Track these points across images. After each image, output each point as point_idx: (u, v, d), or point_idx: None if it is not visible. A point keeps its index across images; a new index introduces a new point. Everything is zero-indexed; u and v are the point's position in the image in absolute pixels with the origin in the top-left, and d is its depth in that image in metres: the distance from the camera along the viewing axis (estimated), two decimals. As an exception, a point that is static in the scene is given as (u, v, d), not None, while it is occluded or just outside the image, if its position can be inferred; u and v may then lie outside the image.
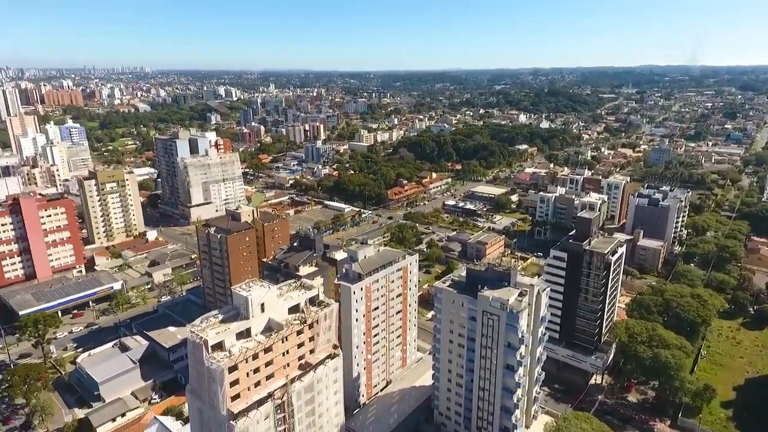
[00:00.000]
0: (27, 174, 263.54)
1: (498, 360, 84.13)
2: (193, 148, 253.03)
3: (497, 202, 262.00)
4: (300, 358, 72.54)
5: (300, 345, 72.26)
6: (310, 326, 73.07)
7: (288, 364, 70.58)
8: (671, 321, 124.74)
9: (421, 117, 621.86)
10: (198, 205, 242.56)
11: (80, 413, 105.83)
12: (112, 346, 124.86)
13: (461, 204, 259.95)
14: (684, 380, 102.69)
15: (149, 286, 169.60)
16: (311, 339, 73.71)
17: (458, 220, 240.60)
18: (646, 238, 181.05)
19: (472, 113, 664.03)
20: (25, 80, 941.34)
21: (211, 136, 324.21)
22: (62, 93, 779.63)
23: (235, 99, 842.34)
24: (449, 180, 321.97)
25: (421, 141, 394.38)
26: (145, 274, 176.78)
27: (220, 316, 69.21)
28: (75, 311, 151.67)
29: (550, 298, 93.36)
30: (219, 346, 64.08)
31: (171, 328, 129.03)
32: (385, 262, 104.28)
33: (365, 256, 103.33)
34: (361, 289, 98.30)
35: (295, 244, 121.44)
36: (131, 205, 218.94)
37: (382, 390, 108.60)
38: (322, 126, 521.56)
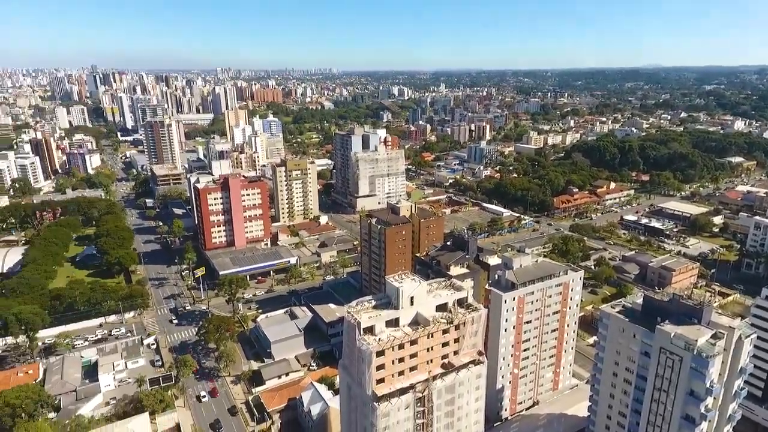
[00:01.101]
0: (235, 158, 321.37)
1: (675, 408, 71.32)
2: (365, 144, 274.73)
3: (693, 223, 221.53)
4: (443, 357, 72.90)
5: (444, 344, 72.57)
6: (457, 327, 72.73)
7: (431, 361, 71.61)
8: None
9: (604, 119, 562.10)
10: (364, 196, 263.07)
11: (255, 365, 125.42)
12: (284, 313, 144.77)
13: (644, 220, 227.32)
14: None
15: (317, 265, 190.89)
16: (456, 340, 73.37)
17: (638, 238, 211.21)
18: None
19: (669, 117, 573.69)
20: (241, 80, 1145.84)
21: (382, 133, 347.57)
22: (267, 91, 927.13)
23: (406, 98, 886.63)
24: (631, 192, 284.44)
25: (601, 146, 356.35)
26: (315, 254, 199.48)
27: (374, 302, 73.78)
28: (259, 277, 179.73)
29: (755, 347, 75.34)
30: (370, 330, 68.46)
31: (331, 305, 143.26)
32: (543, 274, 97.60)
33: (521, 265, 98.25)
34: (514, 299, 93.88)
35: (448, 243, 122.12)
36: (310, 191, 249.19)
37: (527, 409, 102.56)
38: (488, 126, 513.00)
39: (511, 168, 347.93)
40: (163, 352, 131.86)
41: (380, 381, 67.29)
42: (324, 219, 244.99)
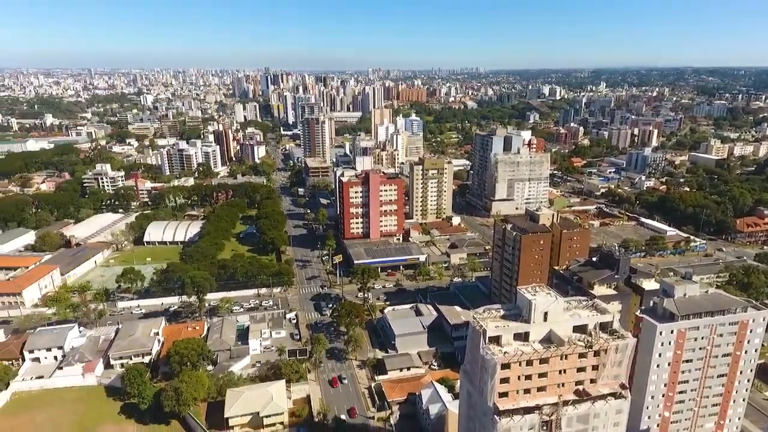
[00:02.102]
0: (377, 155, 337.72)
1: None
2: (507, 145, 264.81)
3: None
4: (577, 383, 66.57)
5: (580, 369, 66.19)
6: (596, 354, 65.70)
7: (563, 385, 65.97)
8: None
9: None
10: (500, 200, 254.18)
11: (379, 354, 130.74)
12: (410, 308, 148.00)
13: None
14: None
15: (446, 265, 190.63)
16: (594, 368, 66.33)
17: None
18: None
19: None
20: (389, 80, 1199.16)
21: (526, 134, 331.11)
22: (412, 90, 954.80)
23: (558, 98, 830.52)
24: None
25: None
26: (445, 254, 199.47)
27: (502, 311, 70.68)
28: (389, 271, 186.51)
29: None
30: (496, 340, 65.77)
31: (457, 308, 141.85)
32: (714, 308, 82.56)
33: (685, 294, 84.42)
34: (672, 332, 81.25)
35: (593, 259, 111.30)
36: (445, 191, 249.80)
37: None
38: (655, 131, 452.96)
39: (681, 180, 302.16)
40: (302, 328, 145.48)
41: (503, 395, 64.28)
42: (456, 220, 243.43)
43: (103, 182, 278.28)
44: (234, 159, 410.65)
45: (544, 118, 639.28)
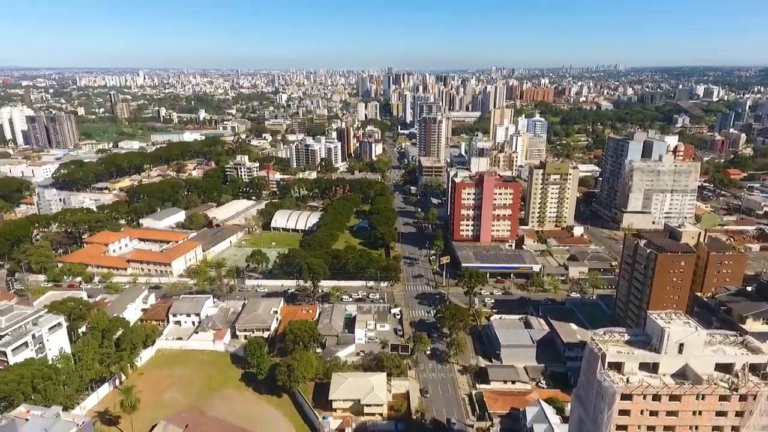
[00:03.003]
0: (494, 157, 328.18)
1: None
2: (646, 152, 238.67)
3: None
4: (715, 429, 57.90)
5: (719, 414, 57.50)
6: (742, 398, 56.41)
7: (696, 428, 57.88)
8: None
9: None
10: (633, 212, 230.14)
11: (482, 362, 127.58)
12: (519, 319, 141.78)
13: None
14: None
15: (563, 278, 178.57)
16: (738, 414, 57.03)
17: None
18: None
19: None
20: (513, 78, 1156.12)
21: (672, 140, 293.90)
22: (538, 90, 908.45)
23: (715, 99, 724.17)
24: None
25: None
26: (562, 266, 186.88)
27: (627, 336, 64.25)
28: (498, 277, 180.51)
29: None
30: (616, 366, 60.07)
31: (573, 326, 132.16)
32: None
33: None
34: None
35: (748, 288, 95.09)
36: (567, 198, 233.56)
37: None
38: None
39: None
40: (405, 324, 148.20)
41: (621, 428, 58.51)
42: (578, 230, 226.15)
43: (241, 172, 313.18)
44: (353, 155, 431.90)
45: (696, 123, 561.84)
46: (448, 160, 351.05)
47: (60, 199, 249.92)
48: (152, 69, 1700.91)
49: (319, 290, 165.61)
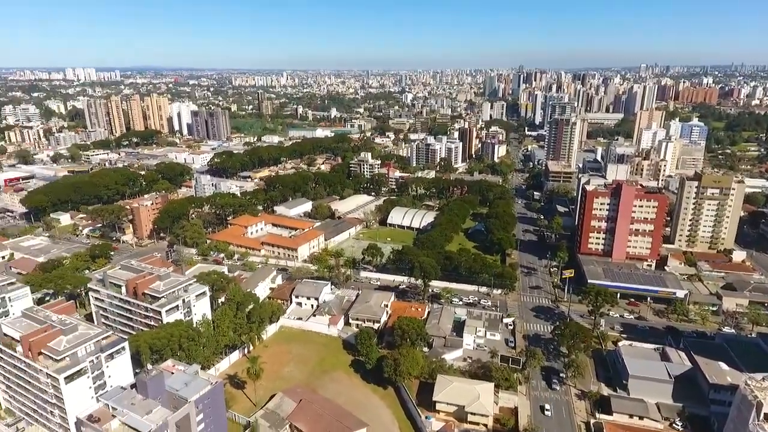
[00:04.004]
0: (636, 164, 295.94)
1: None
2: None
3: None
4: None
5: None
6: None
7: None
8: None
9: None
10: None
11: (605, 390, 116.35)
12: (654, 350, 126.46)
13: None
14: None
15: (714, 309, 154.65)
16: None
17: None
18: None
19: None
20: (666, 77, 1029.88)
21: None
22: (698, 90, 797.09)
23: None
24: None
25: None
26: (714, 295, 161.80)
27: (801, 386, 53.17)
28: (631, 300, 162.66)
29: None
30: (783, 420, 50.10)
31: (722, 365, 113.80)
32: None
33: None
34: None
35: None
36: (727, 216, 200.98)
37: None
38: None
39: None
40: (518, 336, 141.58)
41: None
42: (740, 255, 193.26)
43: (363, 168, 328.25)
44: (474, 156, 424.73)
45: None
46: (580, 166, 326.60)
47: (212, 184, 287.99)
48: (294, 70, 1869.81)
49: (430, 290, 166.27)
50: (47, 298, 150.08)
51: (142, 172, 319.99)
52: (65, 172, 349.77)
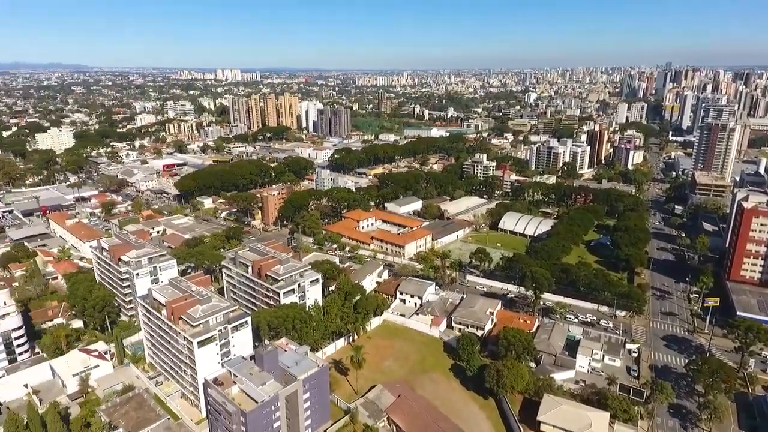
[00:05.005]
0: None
1: None
2: None
3: None
4: None
5: None
6: None
7: None
8: None
9: None
10: None
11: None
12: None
13: None
14: None
15: None
16: None
17: None
18: None
19: None
20: None
21: None
22: None
23: None
24: None
25: None
26: None
27: None
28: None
29: None
30: None
31: None
32: None
33: None
34: None
35: None
36: None
37: None
38: None
39: None
40: (642, 365, 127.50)
41: None
42: None
43: (477, 169, 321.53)
44: (603, 162, 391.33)
45: None
46: (737, 179, 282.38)
47: (331, 179, 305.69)
48: (413, 70, 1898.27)
49: (541, 302, 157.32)
50: (189, 271, 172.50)
51: (273, 165, 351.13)
52: (211, 161, 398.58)
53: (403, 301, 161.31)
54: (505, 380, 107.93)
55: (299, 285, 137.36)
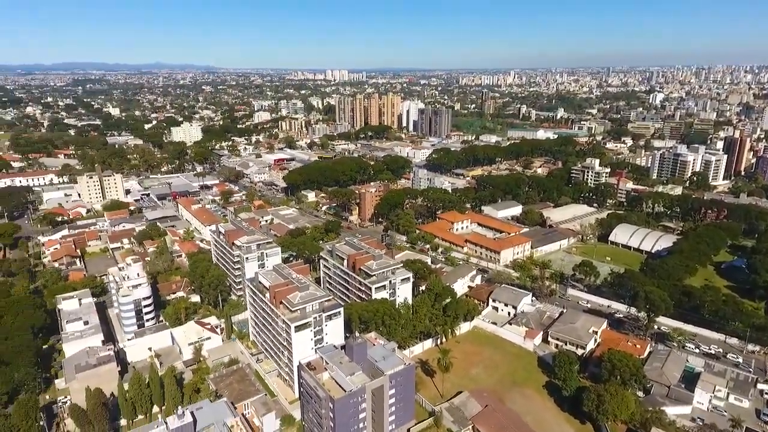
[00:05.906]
0: None
1: None
2: None
3: None
4: None
5: None
6: None
7: None
8: None
9: None
10: None
11: None
12: None
13: None
14: None
15: None
16: None
17: None
18: None
19: None
20: None
21: None
22: None
23: None
24: None
25: None
26: None
27: None
28: None
29: None
30: None
31: None
32: None
33: None
34: None
35: None
36: None
37: None
38: None
39: None
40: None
41: None
42: None
43: (587, 175, 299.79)
44: (743, 174, 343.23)
45: None
46: None
47: (427, 179, 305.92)
48: (522, 69, 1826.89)
49: (655, 326, 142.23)
50: (291, 259, 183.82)
51: (372, 163, 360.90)
52: (316, 157, 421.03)
53: (496, 308, 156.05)
54: (606, 406, 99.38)
55: (390, 282, 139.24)
